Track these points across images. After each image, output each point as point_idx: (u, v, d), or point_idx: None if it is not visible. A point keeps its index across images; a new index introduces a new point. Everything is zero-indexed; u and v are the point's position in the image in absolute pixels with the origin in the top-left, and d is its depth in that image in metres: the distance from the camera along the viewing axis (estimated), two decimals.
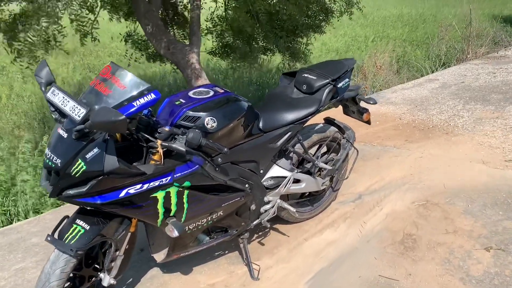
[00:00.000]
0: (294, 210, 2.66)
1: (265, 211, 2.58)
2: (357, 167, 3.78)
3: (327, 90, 2.59)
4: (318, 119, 2.93)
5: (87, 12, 4.39)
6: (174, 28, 6.44)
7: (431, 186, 3.45)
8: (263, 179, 2.54)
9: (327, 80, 2.59)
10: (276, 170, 2.58)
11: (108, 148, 1.74)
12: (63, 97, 1.79)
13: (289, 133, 2.50)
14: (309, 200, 3.01)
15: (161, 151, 1.90)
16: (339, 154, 2.93)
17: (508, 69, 7.18)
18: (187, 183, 2.02)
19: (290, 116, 2.48)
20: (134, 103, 1.76)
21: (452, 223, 2.94)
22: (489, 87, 6.18)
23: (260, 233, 2.91)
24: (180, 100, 2.12)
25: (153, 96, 1.79)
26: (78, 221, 1.91)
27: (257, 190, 2.46)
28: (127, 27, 6.28)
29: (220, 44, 6.80)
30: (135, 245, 2.29)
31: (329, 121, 2.97)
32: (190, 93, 2.18)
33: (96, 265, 2.10)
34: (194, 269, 2.60)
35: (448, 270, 2.50)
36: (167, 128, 1.95)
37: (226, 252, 2.75)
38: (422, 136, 4.61)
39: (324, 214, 3.13)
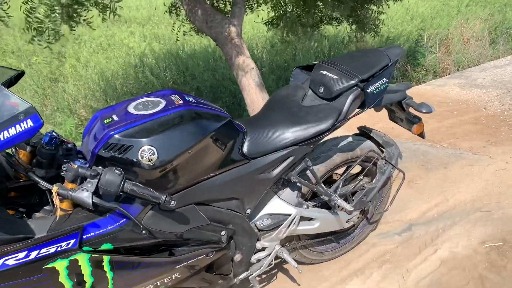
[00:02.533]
0: (296, 266, 1.91)
1: (258, 261, 1.88)
2: (414, 179, 2.93)
3: (351, 96, 1.77)
4: (350, 127, 2.14)
5: None
6: None
7: None
8: (255, 219, 1.82)
9: (353, 81, 1.76)
10: (276, 205, 1.85)
11: None
12: None
13: (291, 158, 1.74)
14: (334, 236, 2.25)
15: (58, 202, 1.26)
16: (374, 180, 2.11)
17: None
18: (106, 246, 1.37)
19: (292, 134, 1.71)
20: (0, 135, 1.12)
21: None
22: None
23: (262, 276, 2.21)
24: (112, 116, 1.44)
25: (30, 124, 1.14)
26: None
27: (242, 236, 1.76)
28: None
29: (277, 13, 5.97)
30: None
31: (363, 133, 2.15)
32: (130, 106, 1.49)
33: None
34: None
35: None
36: (75, 165, 1.30)
37: None
38: (511, 135, 3.57)
39: (354, 253, 2.35)
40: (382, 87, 1.81)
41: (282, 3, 6.06)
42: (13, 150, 1.42)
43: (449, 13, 9.79)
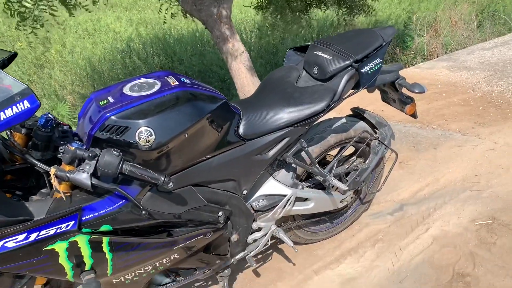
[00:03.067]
0: (293, 245, 1.93)
1: (254, 241, 1.90)
2: (405, 160, 2.97)
3: (346, 77, 1.77)
4: (343, 109, 2.15)
5: None
6: None
7: (503, 195, 2.56)
8: (251, 200, 1.84)
9: (347, 62, 1.77)
10: (271, 186, 1.86)
11: None
12: None
13: (286, 139, 1.75)
14: (327, 216, 2.27)
15: (56, 184, 1.26)
16: (367, 161, 2.13)
17: None
18: (106, 227, 1.37)
19: (287, 115, 1.71)
20: None
21: None
22: None
23: (258, 256, 2.24)
24: (108, 98, 1.43)
25: (26, 105, 1.13)
26: None
27: (239, 217, 1.78)
28: None
29: None
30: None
31: (356, 114, 2.16)
32: (126, 88, 1.48)
33: None
34: None
35: None
36: (72, 147, 1.30)
37: (210, 283, 2.12)
38: (498, 116, 3.62)
39: (348, 232, 2.38)
40: (376, 67, 1.82)
41: None
42: (8, 133, 1.40)
43: None
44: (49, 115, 1.37)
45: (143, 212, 1.41)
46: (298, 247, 2.25)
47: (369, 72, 1.80)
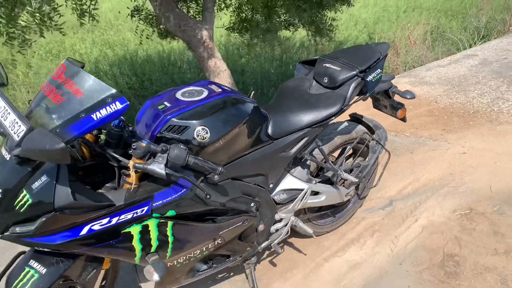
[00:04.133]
0: (311, 232, 2.20)
1: (276, 230, 2.15)
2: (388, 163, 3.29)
3: (353, 85, 2.08)
4: (342, 116, 2.45)
5: None
6: (187, 2, 5.90)
7: (475, 189, 2.93)
8: (273, 193, 2.09)
9: (354, 72, 2.08)
10: (290, 182, 2.12)
11: (60, 177, 1.32)
12: (5, 107, 1.36)
13: (306, 138, 2.02)
14: (331, 211, 2.55)
15: (133, 174, 1.47)
16: (367, 159, 2.44)
17: None
18: (171, 213, 1.58)
19: (307, 117, 1.99)
20: (94, 116, 1.31)
21: (502, 240, 2.45)
22: None
23: (271, 249, 2.47)
24: (164, 103, 1.66)
25: (118, 105, 1.34)
26: (32, 262, 1.50)
27: (265, 208, 2.02)
28: (134, 0, 5.75)
29: (238, 19, 6.25)
30: (118, 274, 1.90)
31: (355, 119, 2.47)
32: (178, 94, 1.72)
33: None
34: None
35: None
36: (143, 143, 1.51)
37: (231, 274, 2.34)
38: (462, 124, 4.05)
39: (348, 226, 2.67)
40: (378, 76, 2.14)
41: (244, 9, 6.31)
42: None
43: (389, 18, 10.52)
44: (121, 117, 1.57)
45: (207, 195, 1.62)
46: (306, 240, 2.51)
47: (373, 80, 2.12)
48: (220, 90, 1.76)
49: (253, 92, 2.28)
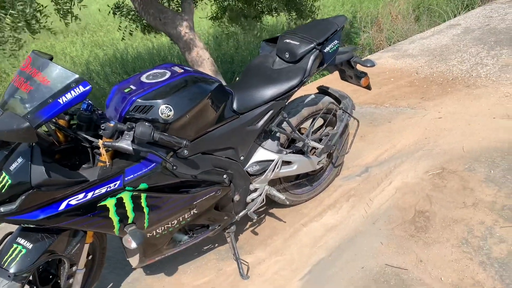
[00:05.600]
0: (284, 198, 2.35)
1: (252, 200, 2.29)
2: (365, 134, 3.43)
3: (312, 57, 2.22)
4: (311, 89, 2.58)
5: None
6: None
7: (448, 150, 3.07)
8: (246, 166, 2.23)
9: (312, 45, 2.21)
10: (261, 154, 2.27)
11: (34, 157, 1.47)
12: None
13: (271, 112, 2.16)
14: (307, 180, 2.70)
15: (104, 152, 1.62)
16: (335, 128, 2.58)
17: None
18: (143, 185, 1.73)
19: (270, 91, 2.13)
20: (60, 100, 1.46)
21: (471, 194, 2.58)
22: None
23: (253, 221, 2.63)
24: (130, 86, 1.80)
25: (81, 89, 1.49)
26: (19, 239, 1.66)
27: (239, 179, 2.17)
28: None
29: (219, 7, 6.35)
30: (106, 250, 2.06)
31: (322, 91, 2.61)
32: (143, 77, 1.86)
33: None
34: (179, 268, 2.36)
35: (466, 253, 2.17)
36: (111, 123, 1.66)
37: (216, 245, 2.50)
38: (440, 91, 4.17)
39: (325, 194, 2.82)
40: (335, 47, 2.27)
41: None
42: (54, 120, 1.74)
43: None
44: (89, 101, 1.72)
45: (174, 167, 1.77)
46: (286, 209, 2.66)
47: (330, 51, 2.25)
48: (182, 70, 1.90)
49: (237, 78, 2.43)
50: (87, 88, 1.49)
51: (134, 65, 8.27)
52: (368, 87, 2.62)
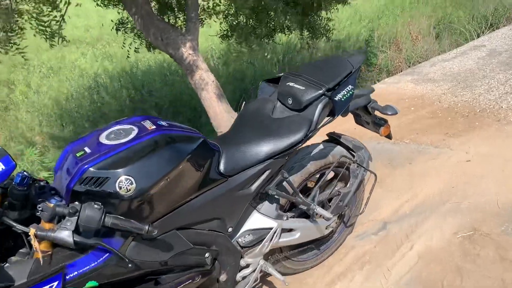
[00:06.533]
0: (283, 279, 1.91)
1: (243, 278, 1.87)
2: (383, 178, 2.99)
3: (320, 106, 1.79)
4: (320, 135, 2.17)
5: (49, 9, 3.65)
6: (175, 12, 5.66)
7: (480, 204, 2.61)
8: (236, 236, 1.81)
9: (320, 91, 1.79)
10: (256, 220, 1.85)
11: None
12: None
13: (268, 172, 1.75)
14: (314, 244, 2.26)
15: (37, 245, 1.21)
16: (348, 185, 2.15)
17: None
18: (91, 284, 1.32)
19: (267, 147, 1.72)
20: None
21: (511, 267, 2.13)
22: None
23: None
24: (84, 149, 1.40)
25: (1, 167, 1.09)
26: None
27: (226, 256, 1.75)
28: (119, 13, 5.53)
29: (228, 25, 5.99)
30: None
31: (333, 139, 2.18)
32: (102, 136, 1.45)
33: None
34: None
35: None
36: (51, 204, 1.26)
37: None
38: (466, 125, 3.72)
39: (335, 257, 2.38)
40: (348, 94, 1.85)
41: (235, 14, 6.07)
42: None
43: (393, 11, 10.13)
44: (25, 172, 1.32)
45: (129, 264, 1.37)
46: (288, 278, 2.23)
47: (342, 99, 1.83)
48: (153, 127, 1.50)
49: (244, 103, 2.01)
50: (10, 166, 1.10)
51: (143, 81, 7.94)
52: (388, 137, 2.19)
